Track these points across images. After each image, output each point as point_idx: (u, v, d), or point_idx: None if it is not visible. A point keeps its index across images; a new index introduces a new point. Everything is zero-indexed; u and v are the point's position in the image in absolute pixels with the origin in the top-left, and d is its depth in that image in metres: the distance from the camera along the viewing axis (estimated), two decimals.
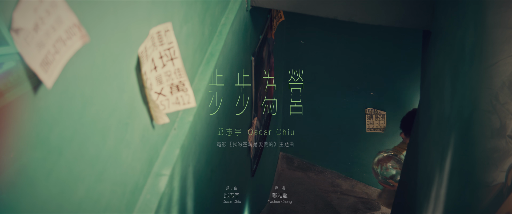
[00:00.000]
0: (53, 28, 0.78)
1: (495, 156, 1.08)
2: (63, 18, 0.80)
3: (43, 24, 0.76)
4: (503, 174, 1.03)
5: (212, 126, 1.95)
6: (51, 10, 0.77)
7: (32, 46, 0.75)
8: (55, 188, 0.93)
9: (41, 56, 0.76)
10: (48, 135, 0.87)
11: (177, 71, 1.39)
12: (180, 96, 1.44)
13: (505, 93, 1.09)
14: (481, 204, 1.15)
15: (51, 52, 0.79)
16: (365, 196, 4.61)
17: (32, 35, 0.74)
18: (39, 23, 0.75)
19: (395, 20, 2.37)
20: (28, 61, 0.74)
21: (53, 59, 0.79)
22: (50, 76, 0.79)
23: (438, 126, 1.89)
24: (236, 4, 2.23)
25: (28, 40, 0.74)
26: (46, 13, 0.76)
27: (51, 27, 0.78)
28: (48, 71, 0.78)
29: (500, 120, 1.09)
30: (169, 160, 1.51)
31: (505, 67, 1.11)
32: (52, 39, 0.78)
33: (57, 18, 0.78)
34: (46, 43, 0.77)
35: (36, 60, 0.75)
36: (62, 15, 0.79)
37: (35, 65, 0.75)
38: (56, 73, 0.81)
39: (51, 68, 0.79)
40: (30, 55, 0.74)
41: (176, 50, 1.35)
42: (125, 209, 1.30)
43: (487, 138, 1.15)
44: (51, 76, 0.80)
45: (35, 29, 0.75)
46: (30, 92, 0.80)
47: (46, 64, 0.78)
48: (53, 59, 0.79)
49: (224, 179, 2.35)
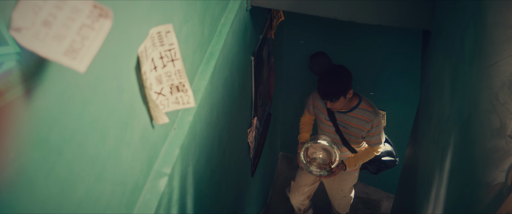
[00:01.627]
0: (71, 19, 0.79)
1: (495, 156, 1.08)
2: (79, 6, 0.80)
3: (55, 19, 0.76)
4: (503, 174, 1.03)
5: (211, 125, 1.95)
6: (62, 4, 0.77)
7: (48, 41, 0.75)
8: (54, 188, 0.93)
9: (64, 46, 0.77)
10: (47, 135, 0.87)
11: (178, 72, 1.39)
12: (180, 96, 1.44)
13: (505, 93, 1.09)
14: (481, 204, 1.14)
15: (77, 41, 0.79)
16: (365, 196, 4.61)
17: (45, 31, 0.75)
18: (51, 19, 0.76)
19: (395, 20, 2.37)
20: (47, 54, 0.75)
21: (83, 46, 0.80)
22: (81, 61, 0.80)
23: (438, 126, 1.89)
24: (236, 4, 2.23)
25: (40, 37, 0.74)
26: (56, 9, 0.76)
27: (68, 18, 0.78)
28: (77, 58, 0.79)
29: (500, 119, 1.09)
30: (169, 160, 1.51)
31: (505, 67, 1.11)
32: (73, 29, 0.79)
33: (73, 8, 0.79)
34: (67, 35, 0.78)
35: (58, 52, 0.76)
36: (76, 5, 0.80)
37: (57, 56, 0.76)
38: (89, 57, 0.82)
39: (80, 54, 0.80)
40: (48, 48, 0.75)
41: (177, 51, 1.35)
42: (125, 208, 1.30)
43: (487, 137, 1.15)
44: (83, 61, 0.80)
45: (47, 26, 0.75)
46: (29, 92, 0.80)
47: (73, 52, 0.78)
48: (83, 46, 0.80)
49: (224, 178, 2.35)
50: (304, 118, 3.26)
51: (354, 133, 3.00)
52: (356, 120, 2.94)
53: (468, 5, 1.58)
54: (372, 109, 2.93)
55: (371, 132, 2.97)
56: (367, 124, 2.91)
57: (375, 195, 4.62)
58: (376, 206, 4.56)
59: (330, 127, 3.05)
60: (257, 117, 3.16)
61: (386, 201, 4.57)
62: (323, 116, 3.05)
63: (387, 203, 4.54)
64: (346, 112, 2.94)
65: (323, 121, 3.07)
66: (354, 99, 2.93)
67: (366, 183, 4.70)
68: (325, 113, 3.02)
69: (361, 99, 2.95)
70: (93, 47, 0.82)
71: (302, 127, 3.25)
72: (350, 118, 2.96)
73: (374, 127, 2.94)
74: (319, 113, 3.08)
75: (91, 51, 0.82)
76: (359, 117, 2.92)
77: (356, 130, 2.97)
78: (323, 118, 3.06)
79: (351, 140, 3.07)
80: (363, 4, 2.37)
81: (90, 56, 0.81)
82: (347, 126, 3.00)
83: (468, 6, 1.58)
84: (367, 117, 2.90)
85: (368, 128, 2.93)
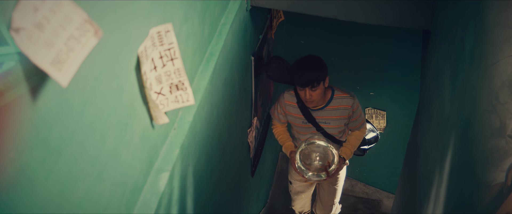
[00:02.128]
0: (62, 27, 0.77)
1: (495, 156, 1.08)
2: (72, 16, 0.79)
3: (49, 23, 0.75)
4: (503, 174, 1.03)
5: (212, 125, 1.95)
6: (56, 9, 0.76)
7: (39, 45, 0.74)
8: (54, 188, 0.93)
9: (51, 55, 0.76)
10: (47, 135, 0.87)
11: (177, 71, 1.39)
12: (179, 94, 1.44)
13: (505, 93, 1.09)
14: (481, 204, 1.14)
15: (64, 51, 0.78)
16: (365, 196, 4.62)
17: (37, 34, 0.74)
18: (44, 23, 0.75)
19: (395, 20, 2.37)
20: (36, 61, 0.74)
21: (67, 58, 0.79)
22: (64, 74, 0.79)
23: (438, 126, 1.89)
24: (236, 4, 2.23)
25: (33, 40, 0.73)
26: (51, 12, 0.75)
27: (59, 26, 0.77)
28: (61, 70, 0.78)
29: (500, 119, 1.09)
30: (169, 160, 1.51)
31: (505, 67, 1.11)
32: (62, 37, 0.78)
33: (65, 16, 0.78)
34: (56, 42, 0.77)
35: (45, 59, 0.75)
36: (69, 13, 0.78)
37: (44, 64, 0.75)
38: (71, 72, 0.80)
39: (65, 66, 0.79)
40: (37, 54, 0.74)
41: (176, 50, 1.35)
42: (125, 208, 1.30)
43: (487, 137, 1.15)
44: (66, 74, 0.79)
45: (40, 29, 0.74)
46: (29, 92, 0.80)
47: (58, 63, 0.77)
48: (67, 58, 0.79)
49: (224, 178, 2.35)
50: (278, 128, 2.98)
51: (337, 125, 2.82)
52: (336, 111, 2.76)
53: (468, 5, 1.58)
54: (348, 94, 2.75)
55: (353, 116, 2.81)
56: (348, 110, 2.76)
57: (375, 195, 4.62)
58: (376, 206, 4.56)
59: (310, 128, 2.83)
60: (257, 117, 3.16)
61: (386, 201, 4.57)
62: (300, 121, 2.82)
63: (387, 203, 4.54)
64: (324, 106, 2.75)
65: (301, 126, 2.84)
66: (327, 91, 2.75)
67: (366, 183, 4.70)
68: (301, 116, 2.81)
69: (333, 88, 2.78)
70: (76, 62, 0.81)
71: (281, 137, 2.97)
72: (329, 112, 2.77)
73: (355, 111, 2.78)
74: (294, 119, 2.84)
75: (74, 65, 0.80)
76: (338, 107, 2.75)
77: (338, 121, 2.80)
78: (299, 122, 2.83)
79: (335, 133, 2.87)
80: (363, 4, 2.37)
81: (73, 70, 0.80)
82: (328, 121, 2.81)
83: (468, 6, 1.58)
84: (346, 104, 2.74)
85: (350, 114, 2.78)
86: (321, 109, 2.75)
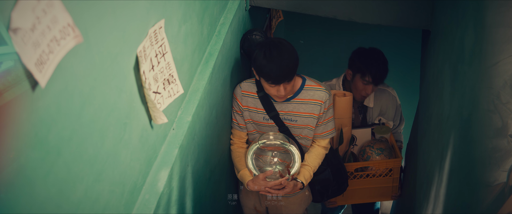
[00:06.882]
0: (48, 28, 0.78)
1: (497, 156, 1.08)
2: (59, 17, 0.80)
3: (39, 24, 0.76)
4: (505, 174, 1.03)
5: (211, 125, 1.95)
6: (48, 9, 0.76)
7: (28, 45, 0.74)
8: (53, 188, 0.92)
9: (36, 55, 0.76)
10: (46, 135, 0.87)
11: (167, 65, 1.39)
12: (171, 88, 1.44)
13: (507, 92, 1.08)
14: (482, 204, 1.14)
15: (45, 52, 0.78)
16: None
17: (29, 34, 0.74)
18: (36, 23, 0.75)
19: (395, 20, 2.37)
20: (24, 61, 0.74)
21: (47, 59, 0.79)
22: (43, 76, 0.79)
23: (438, 126, 1.89)
24: (235, 3, 2.23)
25: (25, 39, 0.73)
26: (42, 13, 0.76)
27: (46, 26, 0.77)
28: (42, 71, 0.78)
29: (502, 119, 1.09)
30: (168, 160, 1.50)
31: (507, 67, 1.10)
32: (47, 38, 0.78)
33: (53, 17, 0.78)
34: (41, 43, 0.77)
35: (31, 60, 0.75)
36: (57, 15, 0.79)
37: (30, 65, 0.75)
38: (49, 73, 0.80)
39: (45, 68, 0.79)
40: (26, 54, 0.74)
41: (166, 45, 1.35)
42: (124, 209, 1.30)
43: (489, 137, 1.15)
44: (45, 76, 0.79)
45: (32, 29, 0.74)
46: (28, 92, 0.79)
47: (40, 64, 0.77)
48: (47, 59, 0.79)
49: (223, 178, 2.35)
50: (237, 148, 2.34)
51: (305, 124, 2.20)
52: (305, 106, 2.16)
53: (468, 5, 1.58)
54: (322, 86, 2.18)
55: (322, 118, 2.20)
56: (319, 107, 2.15)
57: None
58: None
59: (272, 126, 2.23)
60: None
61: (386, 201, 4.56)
62: (261, 117, 2.21)
63: (387, 203, 4.54)
64: (291, 98, 2.15)
65: (261, 123, 2.24)
66: (296, 81, 2.16)
67: None
68: (262, 110, 2.20)
69: (304, 77, 2.21)
70: (53, 63, 0.81)
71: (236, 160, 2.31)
72: (296, 105, 2.16)
73: (326, 111, 2.19)
74: (254, 115, 2.22)
75: (51, 66, 0.81)
76: (308, 101, 2.15)
77: (307, 119, 2.18)
78: (260, 119, 2.22)
79: (302, 135, 2.25)
80: (363, 4, 2.37)
81: (51, 72, 0.80)
82: (295, 118, 2.19)
83: (468, 6, 1.58)
84: (318, 98, 2.14)
85: (320, 113, 2.17)
86: (287, 100, 2.16)
